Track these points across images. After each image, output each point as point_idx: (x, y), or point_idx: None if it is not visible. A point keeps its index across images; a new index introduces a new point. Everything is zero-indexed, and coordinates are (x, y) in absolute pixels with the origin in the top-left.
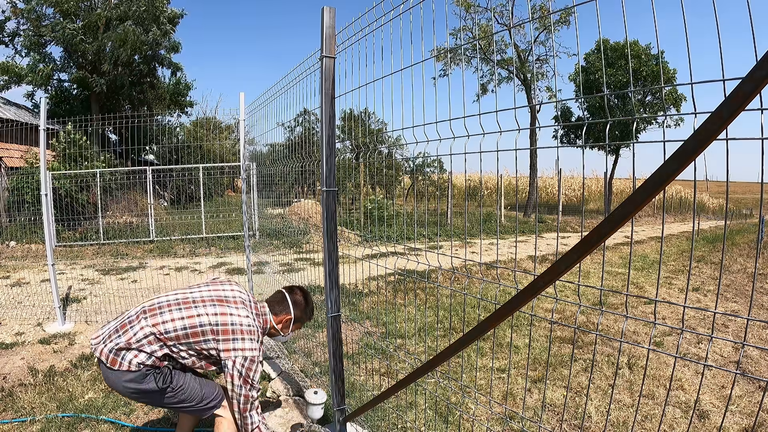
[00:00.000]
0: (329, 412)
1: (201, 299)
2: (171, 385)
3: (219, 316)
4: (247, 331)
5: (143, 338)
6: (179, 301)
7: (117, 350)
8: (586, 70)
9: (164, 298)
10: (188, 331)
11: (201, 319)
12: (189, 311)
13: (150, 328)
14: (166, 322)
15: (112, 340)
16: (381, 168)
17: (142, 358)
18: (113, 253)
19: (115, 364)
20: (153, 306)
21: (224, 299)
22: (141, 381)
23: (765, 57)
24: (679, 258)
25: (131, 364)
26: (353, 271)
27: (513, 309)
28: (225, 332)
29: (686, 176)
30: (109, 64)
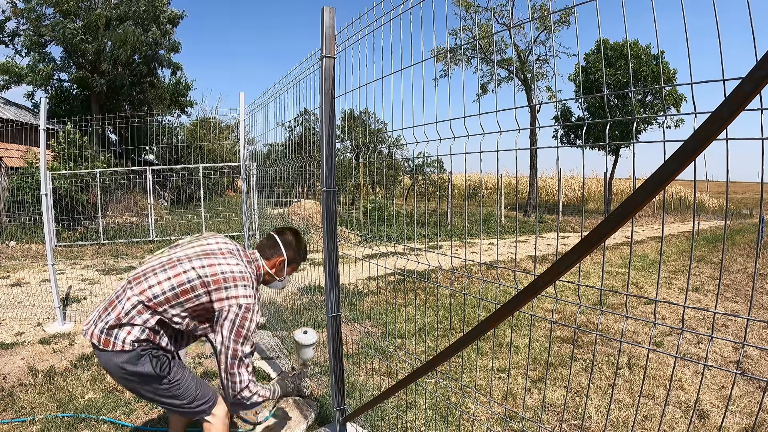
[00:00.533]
0: (329, 412)
1: (186, 257)
2: (168, 376)
3: (207, 268)
4: (239, 277)
5: (132, 309)
6: (163, 263)
7: (108, 329)
8: (586, 70)
9: (147, 265)
10: (177, 290)
11: (189, 275)
12: (175, 270)
13: (137, 297)
14: (153, 286)
15: (102, 319)
16: (381, 168)
17: (136, 333)
18: (113, 253)
19: (108, 345)
20: (137, 275)
21: (210, 252)
22: (136, 362)
23: (765, 57)
24: (679, 258)
25: (125, 342)
26: (353, 271)
27: (513, 309)
28: (216, 282)
29: (686, 176)
30: (109, 64)
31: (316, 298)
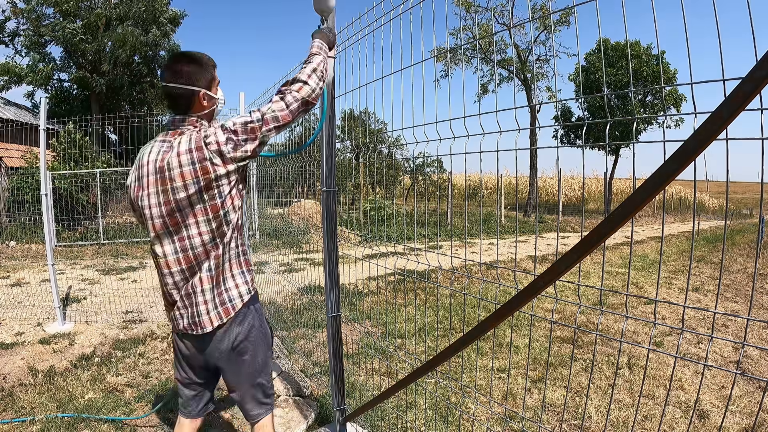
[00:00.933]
0: (329, 411)
1: (155, 204)
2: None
3: (175, 179)
4: (204, 136)
5: (212, 265)
6: (166, 225)
7: (218, 295)
8: (587, 70)
9: (159, 251)
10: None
11: (181, 204)
12: (177, 227)
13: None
14: (185, 237)
15: (198, 302)
16: (381, 168)
17: (239, 279)
18: (113, 253)
19: (228, 313)
20: (163, 260)
21: (160, 175)
22: (260, 318)
23: (765, 57)
24: (679, 258)
25: (242, 295)
26: (353, 271)
27: (513, 309)
28: (202, 165)
29: (686, 176)
30: (109, 64)
31: (316, 298)
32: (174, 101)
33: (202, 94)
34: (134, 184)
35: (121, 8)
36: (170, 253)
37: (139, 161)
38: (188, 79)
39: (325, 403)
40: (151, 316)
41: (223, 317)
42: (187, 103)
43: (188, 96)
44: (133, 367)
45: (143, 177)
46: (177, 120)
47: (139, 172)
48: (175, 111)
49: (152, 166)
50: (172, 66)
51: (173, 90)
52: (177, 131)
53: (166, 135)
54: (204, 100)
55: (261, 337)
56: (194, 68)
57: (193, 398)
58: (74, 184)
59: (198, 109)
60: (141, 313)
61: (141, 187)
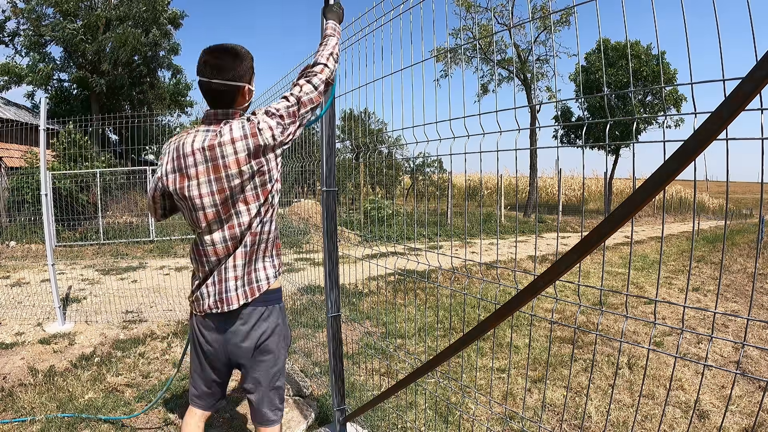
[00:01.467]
0: (329, 412)
1: (216, 192)
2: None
3: (246, 165)
4: (257, 122)
5: (248, 244)
6: (219, 214)
7: (247, 273)
8: (587, 70)
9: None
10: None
11: (235, 190)
12: (228, 214)
13: (231, 237)
14: (235, 225)
15: (228, 277)
16: (381, 168)
17: (268, 262)
18: (113, 253)
19: (254, 293)
20: (211, 247)
21: (218, 161)
22: (284, 318)
23: (765, 57)
24: (679, 258)
25: (269, 277)
26: (353, 271)
27: (513, 309)
28: (256, 151)
29: (686, 176)
30: (109, 64)
31: (316, 298)
32: (218, 97)
33: (246, 89)
34: (173, 175)
35: (122, 8)
36: (219, 241)
37: (178, 151)
38: (234, 74)
39: (325, 403)
40: (151, 316)
41: (248, 296)
42: (232, 98)
43: (233, 91)
44: (133, 367)
45: (189, 167)
46: (220, 113)
47: (180, 162)
48: (217, 106)
49: (200, 155)
50: (215, 61)
51: (219, 86)
52: (220, 123)
53: (208, 125)
54: (247, 94)
55: (284, 337)
56: (239, 63)
57: (207, 394)
58: (74, 184)
59: (240, 102)
60: (141, 313)
61: (186, 177)
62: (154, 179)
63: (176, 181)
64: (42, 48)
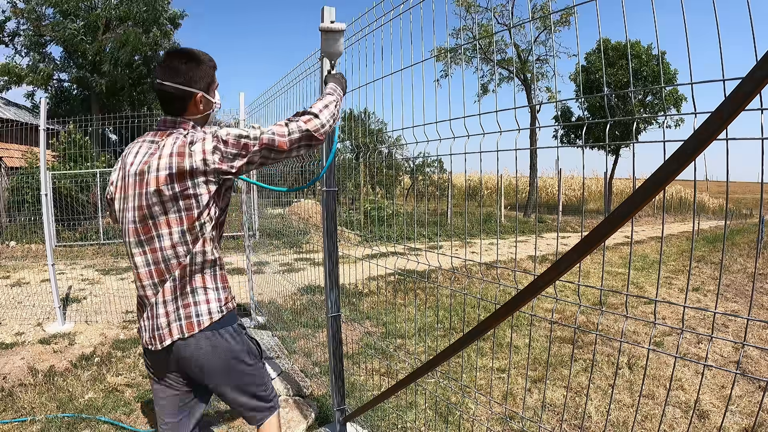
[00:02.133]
0: (329, 412)
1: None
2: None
3: (153, 180)
4: (190, 141)
5: (180, 276)
6: (138, 233)
7: (183, 307)
8: (587, 69)
9: (135, 252)
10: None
11: (154, 210)
12: (149, 235)
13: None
14: (157, 249)
15: (158, 314)
16: (381, 168)
17: (211, 295)
18: (113, 253)
19: (192, 328)
20: (135, 272)
21: (144, 176)
22: (238, 336)
23: (765, 57)
24: (679, 258)
25: (211, 312)
26: (353, 271)
27: (513, 309)
28: (180, 172)
29: (686, 176)
30: (109, 64)
31: (316, 298)
32: (167, 101)
33: (200, 96)
34: (118, 183)
35: (122, 8)
36: (142, 264)
37: (124, 160)
38: (186, 78)
39: (325, 403)
40: None
41: (184, 331)
42: (182, 104)
43: (183, 97)
44: (133, 367)
45: (126, 177)
46: (168, 121)
47: (122, 172)
48: (168, 111)
49: (135, 168)
50: (169, 63)
51: (167, 89)
52: (166, 132)
53: (155, 135)
54: (200, 104)
55: (243, 359)
56: (193, 68)
57: (171, 427)
58: (74, 184)
59: (192, 112)
60: None
61: (122, 188)
62: (108, 183)
63: (117, 190)
64: (42, 48)
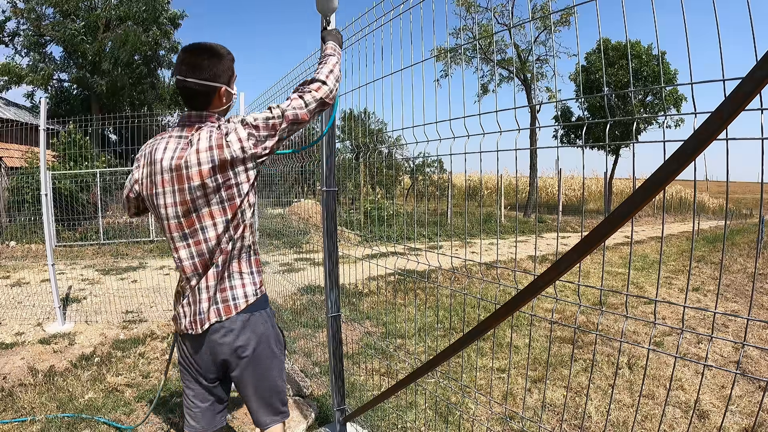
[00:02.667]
0: (329, 412)
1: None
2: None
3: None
4: (225, 133)
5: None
6: (181, 227)
7: (221, 291)
8: (587, 69)
9: (180, 245)
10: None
11: (198, 204)
12: (192, 229)
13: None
14: (201, 241)
15: (201, 299)
16: (381, 168)
17: (246, 279)
18: (113, 253)
19: (229, 312)
20: (179, 264)
21: (182, 171)
22: (271, 322)
23: (765, 57)
24: (679, 258)
25: (247, 295)
26: (353, 271)
27: (513, 309)
28: (222, 164)
29: (686, 176)
30: (109, 64)
31: (316, 298)
32: (191, 97)
33: (223, 90)
34: (145, 181)
35: (122, 8)
36: (186, 257)
37: (152, 156)
38: (210, 74)
39: (325, 403)
40: (151, 316)
41: (222, 314)
42: (206, 99)
43: (208, 92)
44: (133, 367)
45: (156, 174)
46: (194, 116)
47: (152, 168)
48: (191, 107)
49: (167, 163)
50: (192, 59)
51: (192, 85)
52: (194, 127)
53: (182, 130)
54: (224, 97)
55: (275, 341)
56: (216, 63)
57: (204, 410)
58: (74, 184)
59: (216, 105)
60: (141, 313)
61: (154, 185)
62: (131, 180)
63: (148, 188)
64: (42, 48)
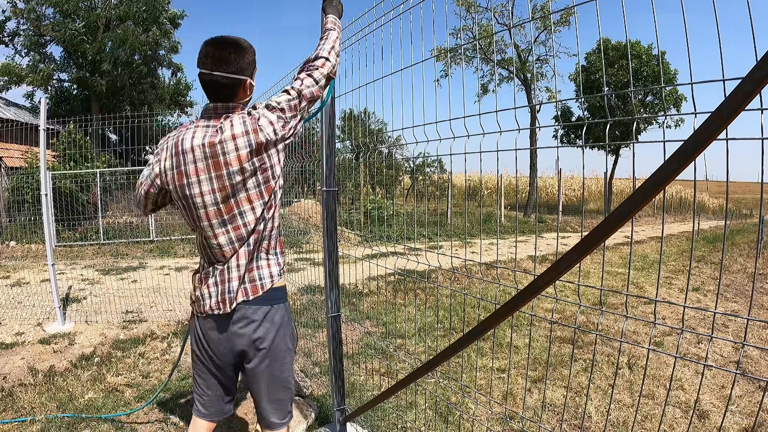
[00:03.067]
0: (329, 412)
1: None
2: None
3: (233, 162)
4: (257, 118)
5: (257, 242)
6: (220, 213)
7: (249, 271)
8: (587, 69)
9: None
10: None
11: (237, 188)
12: (231, 214)
13: (238, 237)
14: (241, 225)
15: (232, 277)
16: (381, 168)
17: (272, 259)
18: (113, 253)
19: (256, 291)
20: (218, 250)
21: (219, 158)
22: (289, 317)
23: (765, 57)
24: (679, 258)
25: (272, 275)
26: (353, 271)
27: (513, 309)
28: (258, 147)
29: (686, 176)
30: (109, 64)
31: (316, 298)
32: (216, 89)
33: (248, 83)
34: (171, 172)
35: (122, 8)
36: (225, 243)
37: (177, 147)
38: (236, 67)
39: (325, 403)
40: (151, 316)
41: (250, 294)
42: (232, 92)
43: (234, 85)
44: (133, 367)
45: (188, 164)
46: (220, 107)
47: (179, 159)
48: (218, 99)
49: (200, 152)
50: (218, 53)
51: (218, 78)
52: (221, 117)
53: (208, 121)
54: (248, 89)
55: (290, 338)
56: (241, 56)
57: (214, 398)
58: (74, 184)
59: (240, 97)
60: (141, 313)
61: (185, 175)
62: (150, 176)
63: (175, 179)
64: (42, 48)
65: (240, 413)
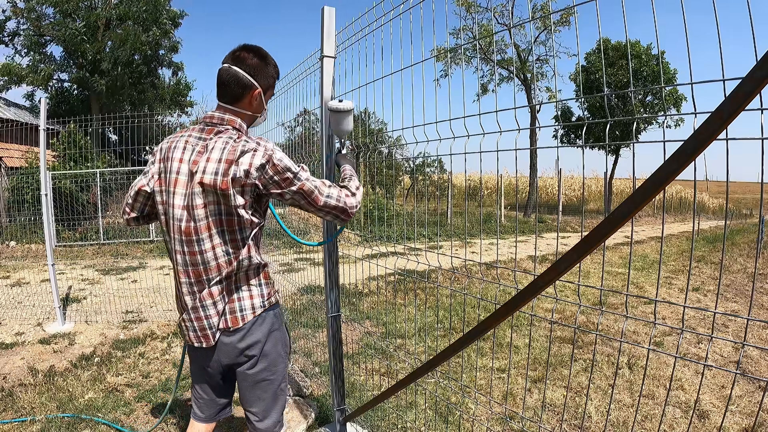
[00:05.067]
0: (329, 412)
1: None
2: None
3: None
4: (241, 151)
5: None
6: (181, 232)
7: (228, 303)
8: (587, 69)
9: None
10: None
11: (197, 212)
12: (189, 238)
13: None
14: (197, 252)
15: (208, 315)
16: (381, 168)
17: (254, 291)
18: (113, 253)
19: (236, 323)
20: (174, 268)
21: (194, 176)
22: (279, 323)
23: (765, 57)
24: (679, 258)
25: (254, 307)
26: (353, 271)
27: (513, 309)
28: (223, 180)
29: (686, 176)
30: (109, 64)
31: (316, 298)
32: (227, 84)
33: (257, 92)
34: (157, 177)
35: (122, 8)
36: (181, 263)
37: (168, 153)
38: (251, 70)
39: (325, 403)
40: (151, 316)
41: (229, 325)
42: (240, 93)
43: (244, 86)
44: (133, 367)
45: (170, 173)
46: (216, 118)
47: (167, 165)
48: (221, 96)
49: (185, 167)
50: (240, 53)
51: (233, 72)
52: (214, 129)
53: (201, 131)
54: (254, 100)
55: (281, 343)
56: (261, 64)
57: (209, 402)
58: (74, 184)
59: (245, 106)
60: (141, 313)
61: (165, 182)
62: (147, 175)
63: (160, 184)
64: (42, 48)
65: (240, 413)
